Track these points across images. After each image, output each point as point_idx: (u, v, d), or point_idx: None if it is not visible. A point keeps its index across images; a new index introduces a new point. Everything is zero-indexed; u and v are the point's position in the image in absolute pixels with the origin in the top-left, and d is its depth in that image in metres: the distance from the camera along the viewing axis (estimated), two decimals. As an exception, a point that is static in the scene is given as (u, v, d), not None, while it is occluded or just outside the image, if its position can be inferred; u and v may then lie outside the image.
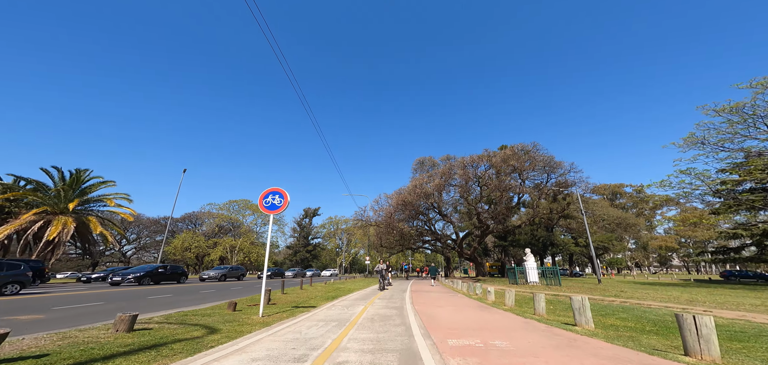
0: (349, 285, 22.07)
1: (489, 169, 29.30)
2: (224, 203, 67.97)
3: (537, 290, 18.63)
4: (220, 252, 60.41)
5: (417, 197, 32.28)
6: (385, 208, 34.65)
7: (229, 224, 70.45)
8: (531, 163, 29.56)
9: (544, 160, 30.72)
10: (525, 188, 31.48)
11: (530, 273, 21.76)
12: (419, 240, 42.87)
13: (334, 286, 20.86)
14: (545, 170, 31.43)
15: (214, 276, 24.45)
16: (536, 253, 49.36)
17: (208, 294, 14.05)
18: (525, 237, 42.17)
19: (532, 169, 31.01)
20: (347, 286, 21.05)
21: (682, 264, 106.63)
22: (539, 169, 31.57)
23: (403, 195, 32.43)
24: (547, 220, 39.96)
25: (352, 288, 19.55)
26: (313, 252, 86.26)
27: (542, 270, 21.74)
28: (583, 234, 42.61)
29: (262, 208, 8.83)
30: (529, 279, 21.63)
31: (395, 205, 32.99)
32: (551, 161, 30.82)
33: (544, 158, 30.63)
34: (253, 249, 63.85)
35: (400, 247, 49.15)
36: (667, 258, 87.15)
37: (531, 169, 30.37)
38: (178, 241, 58.85)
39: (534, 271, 21.74)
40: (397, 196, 32.90)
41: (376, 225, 40.26)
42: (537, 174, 32.43)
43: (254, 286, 20.75)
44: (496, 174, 29.75)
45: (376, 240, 46.86)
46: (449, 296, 14.45)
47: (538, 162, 30.54)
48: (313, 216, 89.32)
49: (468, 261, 43.78)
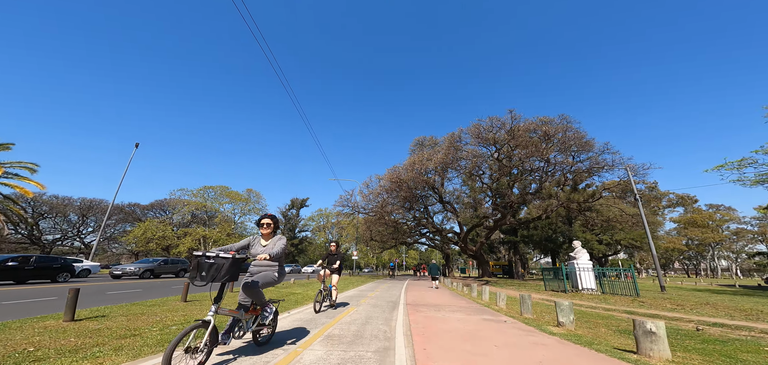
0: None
1: (510, 140, 22.75)
2: (198, 189, 60.61)
3: (611, 304, 12.27)
4: (190, 243, 53.23)
5: (415, 175, 25.75)
6: (376, 191, 28.05)
7: (204, 213, 63.16)
8: (562, 137, 23.11)
9: (576, 138, 24.21)
10: (552, 167, 25.11)
11: (582, 276, 15.17)
12: (416, 232, 36.39)
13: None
14: (572, 151, 25.04)
15: (132, 272, 17.59)
16: (547, 252, 43.27)
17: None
18: (541, 231, 35.96)
19: (561, 148, 24.54)
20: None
21: (681, 267, 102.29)
22: (565, 149, 25.17)
23: (399, 173, 25.88)
24: (567, 213, 33.87)
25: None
26: (300, 246, 79.49)
27: (599, 271, 15.12)
28: (608, 230, 36.58)
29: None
30: (582, 284, 15.07)
31: (388, 187, 26.40)
32: (581, 139, 24.35)
33: (576, 136, 24.11)
34: (229, 241, 56.75)
35: (394, 241, 42.67)
36: (669, 260, 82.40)
37: (561, 146, 23.93)
38: (139, 231, 51.52)
39: (589, 274, 15.13)
40: (391, 174, 26.30)
41: (364, 212, 33.61)
42: (563, 154, 26.03)
43: (173, 287, 14.08)
44: (518, 147, 23.31)
45: (365, 232, 40.24)
46: (485, 322, 7.92)
47: (569, 140, 24.01)
48: (300, 207, 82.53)
49: (472, 258, 37.44)
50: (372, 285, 19.15)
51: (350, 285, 18.56)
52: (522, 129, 22.97)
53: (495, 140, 22.32)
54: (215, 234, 56.84)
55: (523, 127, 23.34)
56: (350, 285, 17.80)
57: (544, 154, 23.98)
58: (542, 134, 23.05)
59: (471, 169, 24.36)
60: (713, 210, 79.43)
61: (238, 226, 64.42)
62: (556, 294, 14.87)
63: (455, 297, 12.94)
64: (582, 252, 15.91)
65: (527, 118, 22.86)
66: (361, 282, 22.42)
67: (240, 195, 64.21)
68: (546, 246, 37.18)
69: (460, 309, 9.11)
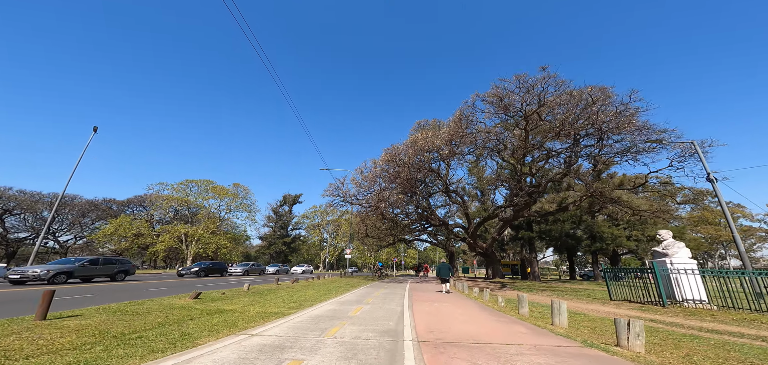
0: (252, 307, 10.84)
1: (540, 108, 17.78)
2: (179, 182, 55.66)
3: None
4: (169, 241, 48.34)
5: (418, 155, 21.03)
6: (371, 175, 23.28)
7: (186, 209, 58.26)
8: (598, 111, 18.06)
9: (621, 115, 18.67)
10: (585, 147, 20.45)
11: (684, 281, 9.69)
12: (418, 226, 31.67)
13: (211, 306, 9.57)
14: (609, 127, 19.90)
15: (38, 276, 12.69)
16: (562, 250, 38.59)
17: None
18: (560, 226, 31.28)
19: (593, 123, 19.49)
20: (230, 309, 9.83)
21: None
22: (599, 126, 20.15)
23: (398, 152, 21.14)
24: (590, 205, 29.26)
25: (229, 312, 8.33)
26: (293, 245, 74.66)
27: (707, 273, 10.05)
28: (638, 225, 31.94)
29: None
30: (684, 293, 9.71)
31: (385, 170, 21.63)
32: (630, 116, 18.66)
33: (626, 112, 18.56)
34: (213, 239, 51.94)
35: (392, 238, 37.94)
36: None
37: (593, 122, 18.94)
38: (111, 228, 46.61)
39: (694, 279, 9.69)
40: (389, 153, 21.54)
41: (358, 203, 28.81)
42: (596, 130, 21.10)
43: (106, 294, 9.30)
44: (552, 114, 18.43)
45: (359, 227, 35.47)
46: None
47: (606, 115, 18.74)
48: (293, 204, 77.66)
49: (481, 257, 32.75)
50: (360, 293, 14.38)
51: (327, 294, 13.78)
52: (563, 97, 17.95)
53: (523, 108, 17.49)
54: (198, 232, 52.05)
55: (563, 95, 18.23)
56: (326, 294, 13.03)
57: (580, 129, 19.13)
58: (583, 105, 18.17)
59: (485, 143, 19.56)
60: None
61: (224, 223, 59.53)
62: (644, 309, 10.03)
63: (493, 315, 8.20)
64: (678, 247, 10.77)
65: (563, 78, 17.74)
66: (344, 287, 17.64)
67: (226, 190, 59.26)
68: (566, 243, 32.62)
69: (536, 352, 4.37)
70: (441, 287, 19.35)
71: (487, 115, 19.62)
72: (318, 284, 18.55)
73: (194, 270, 24.07)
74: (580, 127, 18.72)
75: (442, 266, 17.15)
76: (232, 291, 12.03)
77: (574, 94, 17.64)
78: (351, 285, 19.31)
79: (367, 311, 8.32)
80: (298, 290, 13.51)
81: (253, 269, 32.76)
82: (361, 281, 24.27)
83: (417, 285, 20.69)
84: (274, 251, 68.64)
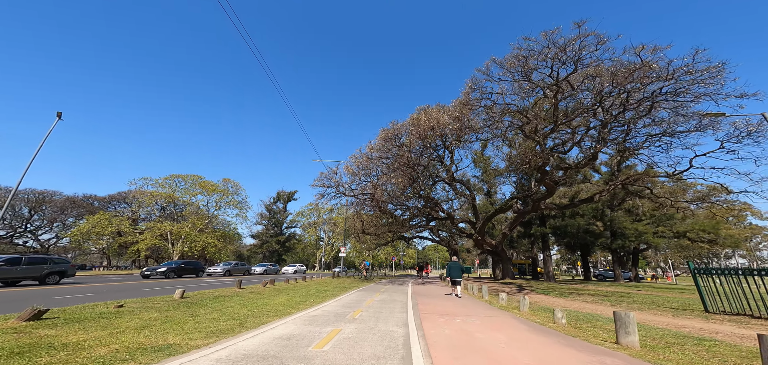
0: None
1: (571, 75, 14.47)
2: (164, 178, 52.20)
3: None
4: (152, 240, 44.95)
5: (421, 135, 17.79)
6: (366, 156, 20.02)
7: (172, 205, 54.86)
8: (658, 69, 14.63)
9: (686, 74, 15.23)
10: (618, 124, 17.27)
11: None
12: (420, 220, 28.46)
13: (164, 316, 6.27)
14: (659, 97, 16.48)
15: None
16: (575, 247, 35.40)
17: None
18: (577, 221, 28.08)
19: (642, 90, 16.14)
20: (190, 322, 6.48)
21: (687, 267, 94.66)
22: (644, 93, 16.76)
23: (397, 129, 17.88)
24: (612, 197, 26.15)
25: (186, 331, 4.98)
26: (287, 243, 71.33)
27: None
28: (666, 220, 28.76)
29: None
30: None
31: (383, 150, 18.38)
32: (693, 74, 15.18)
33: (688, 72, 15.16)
34: (201, 238, 48.55)
35: (391, 235, 34.72)
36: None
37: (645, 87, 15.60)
38: (87, 225, 43.22)
39: None
40: (387, 132, 18.28)
41: (351, 193, 25.68)
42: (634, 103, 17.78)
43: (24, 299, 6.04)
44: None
45: (355, 222, 32.24)
46: None
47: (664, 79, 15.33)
48: (288, 201, 74.32)
49: (489, 254, 29.53)
50: (347, 301, 11.17)
51: (302, 301, 10.55)
52: (604, 60, 14.60)
53: (553, 72, 14.19)
54: (185, 230, 48.68)
55: (605, 56, 14.90)
56: (299, 303, 9.81)
57: (627, 100, 15.79)
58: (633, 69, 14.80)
59: (501, 117, 16.22)
60: (729, 205, 71.74)
61: (212, 220, 56.12)
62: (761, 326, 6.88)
63: (559, 341, 4.95)
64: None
65: (603, 35, 14.28)
66: (331, 292, 14.45)
67: (216, 186, 55.75)
68: (583, 240, 29.41)
69: None
70: (451, 290, 16.14)
71: (504, 94, 16.35)
72: (298, 288, 15.30)
73: (161, 270, 20.80)
74: (623, 97, 15.43)
75: (453, 265, 13.95)
76: (149, 300, 8.44)
77: (616, 62, 14.35)
78: (340, 288, 16.06)
79: (349, 337, 5.08)
80: (261, 298, 10.27)
81: (237, 269, 29.44)
82: (354, 283, 21.03)
83: (421, 289, 17.46)
84: (267, 250, 65.31)
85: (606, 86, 15.23)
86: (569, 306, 11.54)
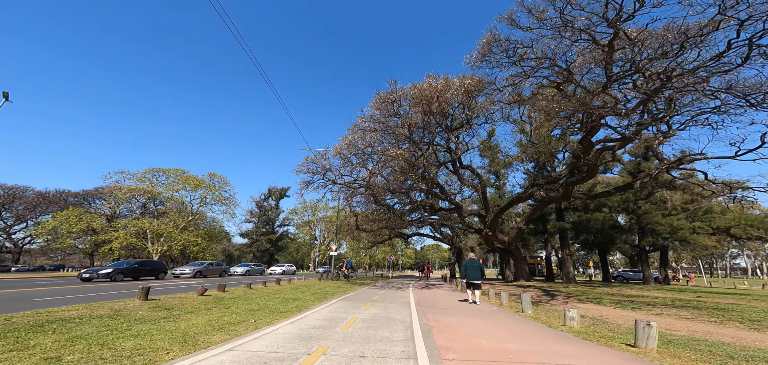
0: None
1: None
2: (143, 171, 48.20)
3: None
4: (126, 238, 40.99)
5: (424, 108, 14.04)
6: (357, 132, 16.20)
7: (153, 202, 50.89)
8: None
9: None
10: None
11: None
12: (419, 212, 24.74)
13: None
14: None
15: None
16: (593, 245, 31.63)
17: None
18: (603, 215, 24.36)
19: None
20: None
21: (689, 267, 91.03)
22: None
23: (396, 95, 14.09)
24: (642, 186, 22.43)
25: None
26: (279, 242, 67.42)
27: None
28: (698, 214, 25.18)
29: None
30: None
31: (379, 121, 14.65)
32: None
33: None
34: (182, 236, 44.63)
35: (388, 233, 30.97)
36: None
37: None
38: (54, 222, 39.29)
39: None
40: (384, 95, 14.47)
41: (344, 185, 22.02)
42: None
43: None
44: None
45: (348, 217, 28.56)
46: None
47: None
48: (280, 198, 70.35)
49: (500, 253, 25.75)
50: (316, 321, 7.40)
51: (232, 323, 6.67)
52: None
53: (606, 11, 10.40)
54: (164, 227, 44.74)
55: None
56: (221, 330, 5.96)
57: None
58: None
59: (534, 69, 12.43)
60: (735, 203, 68.23)
61: (196, 217, 52.14)
62: None
63: None
64: None
65: None
66: (307, 300, 10.67)
67: (201, 181, 51.70)
68: (608, 236, 25.63)
69: None
70: (465, 295, 12.45)
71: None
72: (255, 297, 11.46)
73: (105, 272, 16.93)
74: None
75: (471, 264, 10.30)
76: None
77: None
78: (318, 296, 12.25)
79: None
80: (168, 319, 6.48)
81: (211, 269, 25.54)
82: (340, 288, 17.19)
83: (426, 296, 13.69)
84: (257, 249, 61.34)
85: (674, 43, 11.46)
86: (658, 324, 7.80)
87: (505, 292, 12.37)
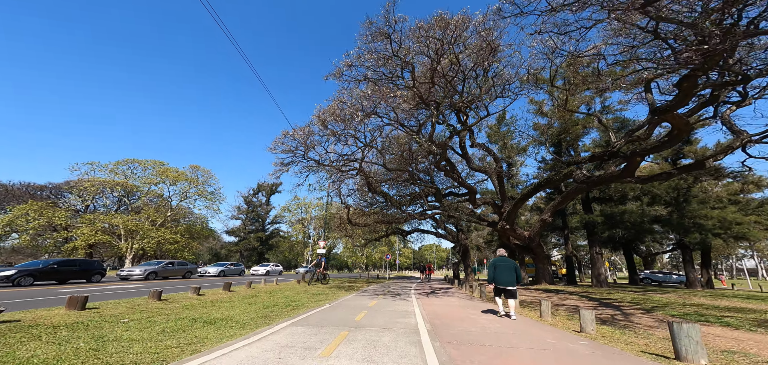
0: None
1: None
2: (116, 162, 43.89)
3: None
4: (92, 235, 36.65)
5: (437, 54, 9.87)
6: (341, 78, 11.96)
7: (127, 196, 46.52)
8: None
9: None
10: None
11: None
12: (420, 202, 20.68)
13: None
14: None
15: None
16: (619, 243, 27.54)
17: None
18: (640, 207, 20.29)
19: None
20: None
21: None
22: None
23: (390, 23, 9.92)
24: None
25: None
26: (270, 241, 63.16)
27: None
28: (750, 207, 21.24)
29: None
30: None
31: (377, 83, 10.49)
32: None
33: None
34: (157, 233, 40.34)
35: (384, 229, 26.86)
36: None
37: None
38: (10, 216, 34.85)
39: None
40: (376, 27, 10.24)
41: (331, 167, 17.91)
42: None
43: None
44: None
45: (339, 209, 24.45)
46: None
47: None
48: (271, 194, 66.09)
49: (520, 250, 21.63)
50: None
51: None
52: None
53: None
54: (138, 224, 40.47)
55: None
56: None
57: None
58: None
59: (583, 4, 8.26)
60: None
61: (175, 213, 47.80)
62: None
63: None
64: None
65: None
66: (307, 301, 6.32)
67: (181, 174, 47.33)
68: (646, 230, 21.52)
69: None
70: (489, 305, 8.42)
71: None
72: (177, 309, 7.31)
73: (6, 274, 12.68)
74: None
75: (502, 263, 6.75)
76: None
77: None
78: (265, 313, 8.08)
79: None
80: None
81: (170, 270, 21.25)
82: (317, 296, 13.01)
83: (436, 307, 9.55)
84: (245, 248, 57.02)
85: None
86: None
87: (546, 301, 8.30)
